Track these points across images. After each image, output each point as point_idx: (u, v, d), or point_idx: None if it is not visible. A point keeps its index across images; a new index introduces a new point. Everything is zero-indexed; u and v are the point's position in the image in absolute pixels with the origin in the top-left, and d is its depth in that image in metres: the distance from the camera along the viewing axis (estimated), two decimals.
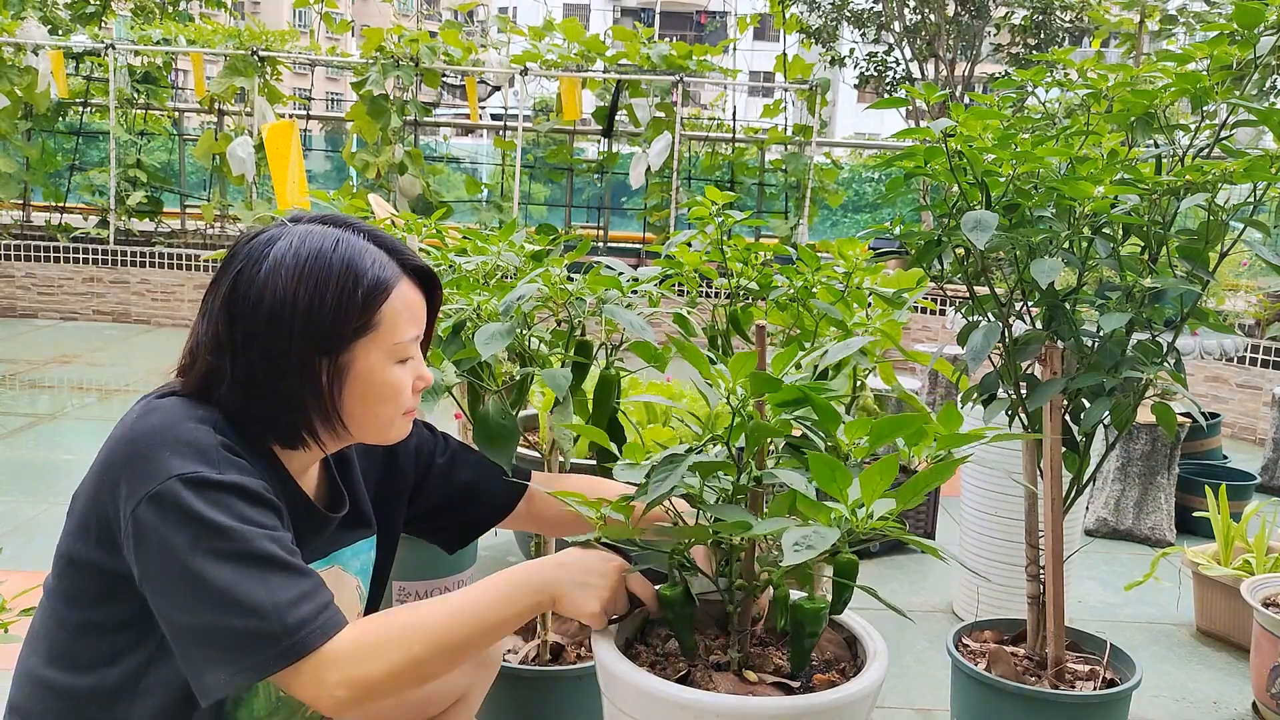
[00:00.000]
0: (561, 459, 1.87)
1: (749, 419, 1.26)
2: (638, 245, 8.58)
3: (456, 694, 1.51)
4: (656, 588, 1.38)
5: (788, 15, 8.89)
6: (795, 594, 1.37)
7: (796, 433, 1.32)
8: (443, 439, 1.50)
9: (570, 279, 1.59)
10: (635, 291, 1.63)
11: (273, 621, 0.99)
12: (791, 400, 1.24)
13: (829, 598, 1.33)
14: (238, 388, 1.11)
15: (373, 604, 1.42)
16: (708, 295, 1.99)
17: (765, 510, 1.30)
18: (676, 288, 1.84)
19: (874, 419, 1.21)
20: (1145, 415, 3.34)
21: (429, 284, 1.23)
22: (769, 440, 1.31)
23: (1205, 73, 1.76)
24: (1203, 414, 1.81)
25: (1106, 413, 1.73)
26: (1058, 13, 10.74)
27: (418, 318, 1.19)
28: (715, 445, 1.31)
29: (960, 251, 1.85)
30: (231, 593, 0.99)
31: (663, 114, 7.87)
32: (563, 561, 1.23)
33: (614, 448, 1.44)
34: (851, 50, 12.06)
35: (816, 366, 1.51)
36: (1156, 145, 1.84)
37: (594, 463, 1.42)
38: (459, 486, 1.47)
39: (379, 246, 1.17)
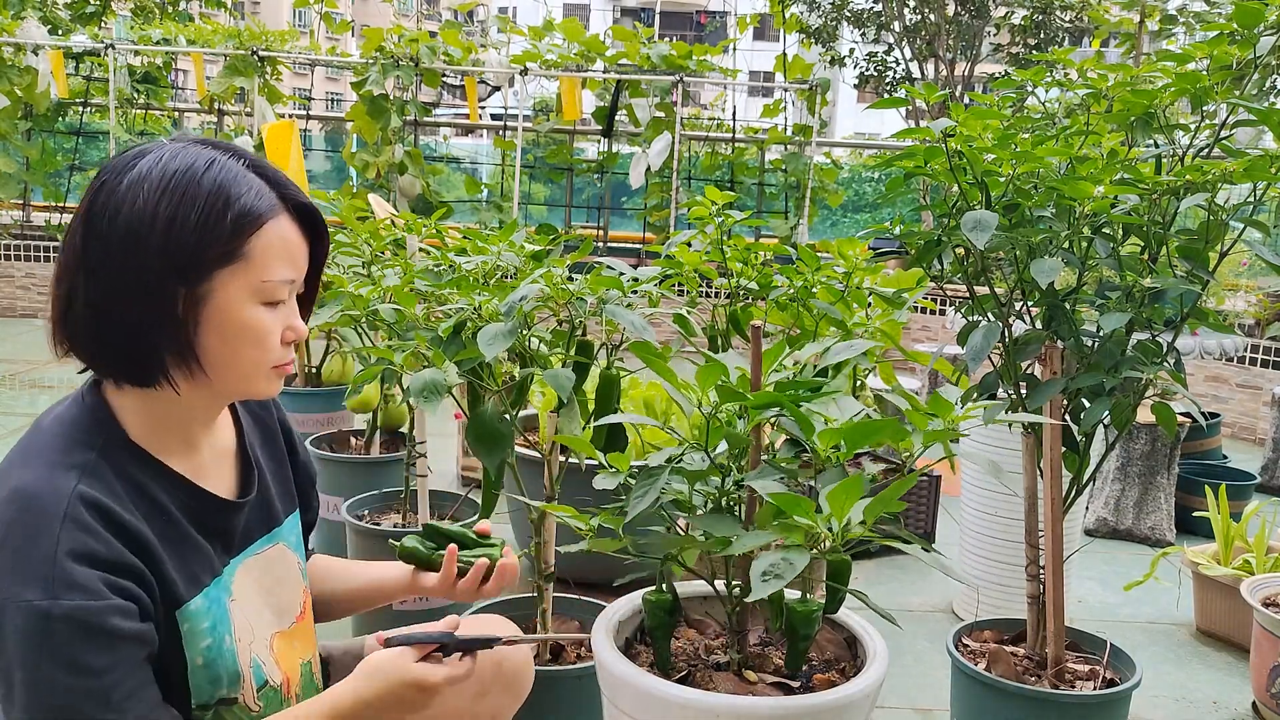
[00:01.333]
0: (563, 459, 1.88)
1: (726, 424, 1.26)
2: (638, 245, 8.58)
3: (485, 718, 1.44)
4: (643, 592, 1.37)
5: (788, 15, 8.88)
6: (790, 594, 1.37)
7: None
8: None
9: (571, 279, 1.59)
10: (635, 292, 1.63)
11: None
12: (770, 404, 1.23)
13: (823, 599, 1.33)
14: (90, 313, 1.02)
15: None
16: (708, 295, 1.99)
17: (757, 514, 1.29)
18: (676, 287, 1.84)
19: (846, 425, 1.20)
20: (1145, 415, 3.34)
21: (314, 229, 1.13)
22: (765, 438, 1.31)
23: (1205, 73, 1.76)
24: (1203, 414, 1.81)
25: (1106, 412, 1.73)
26: (1058, 13, 10.73)
27: (295, 260, 1.09)
28: (698, 451, 1.32)
29: (960, 251, 1.85)
30: None
31: (663, 114, 7.87)
32: (368, 701, 1.14)
33: (601, 457, 1.41)
34: (851, 50, 12.06)
35: (825, 369, 1.52)
36: (1156, 145, 1.84)
37: (595, 463, 1.41)
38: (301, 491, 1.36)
39: (260, 176, 1.08)
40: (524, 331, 1.58)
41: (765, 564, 1.08)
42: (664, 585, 1.36)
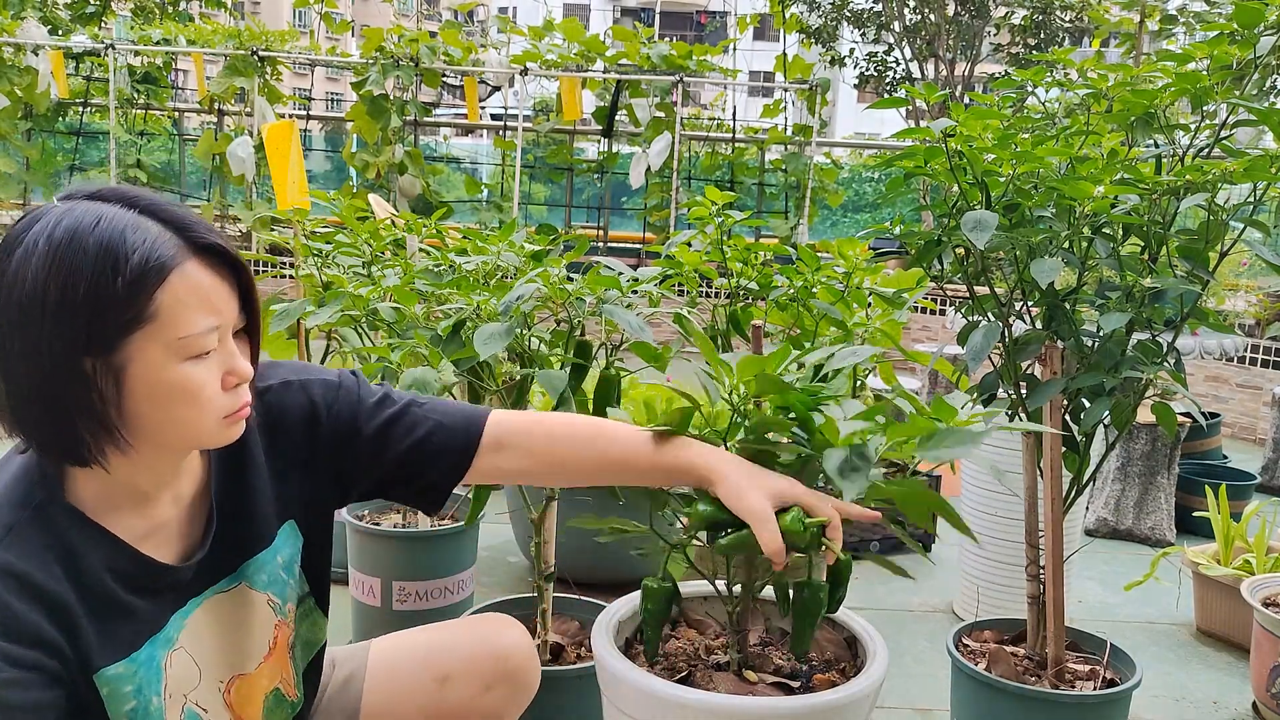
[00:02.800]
0: None
1: (746, 418, 1.26)
2: (638, 245, 8.58)
3: (490, 716, 1.42)
4: (645, 579, 1.37)
5: (788, 15, 8.89)
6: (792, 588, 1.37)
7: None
8: (374, 402, 1.26)
9: (570, 279, 1.59)
10: (635, 292, 1.63)
11: None
12: (788, 404, 1.24)
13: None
14: (6, 393, 0.97)
15: (321, 594, 1.33)
16: (708, 295, 1.99)
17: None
18: (676, 288, 1.84)
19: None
20: (1145, 415, 3.34)
21: (230, 264, 1.03)
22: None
23: (1205, 72, 1.76)
24: (1203, 414, 1.81)
25: (1106, 413, 1.73)
26: (1058, 12, 10.74)
27: (213, 305, 1.00)
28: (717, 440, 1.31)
29: (960, 251, 1.85)
30: None
31: (663, 114, 7.87)
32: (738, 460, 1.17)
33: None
34: (851, 50, 12.07)
35: (818, 368, 1.51)
36: (1156, 145, 1.84)
37: None
38: (400, 452, 1.25)
39: (160, 222, 0.98)
40: (523, 331, 1.58)
41: (837, 459, 1.06)
42: (665, 573, 1.35)
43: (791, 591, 1.31)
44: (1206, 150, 1.81)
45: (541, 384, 1.49)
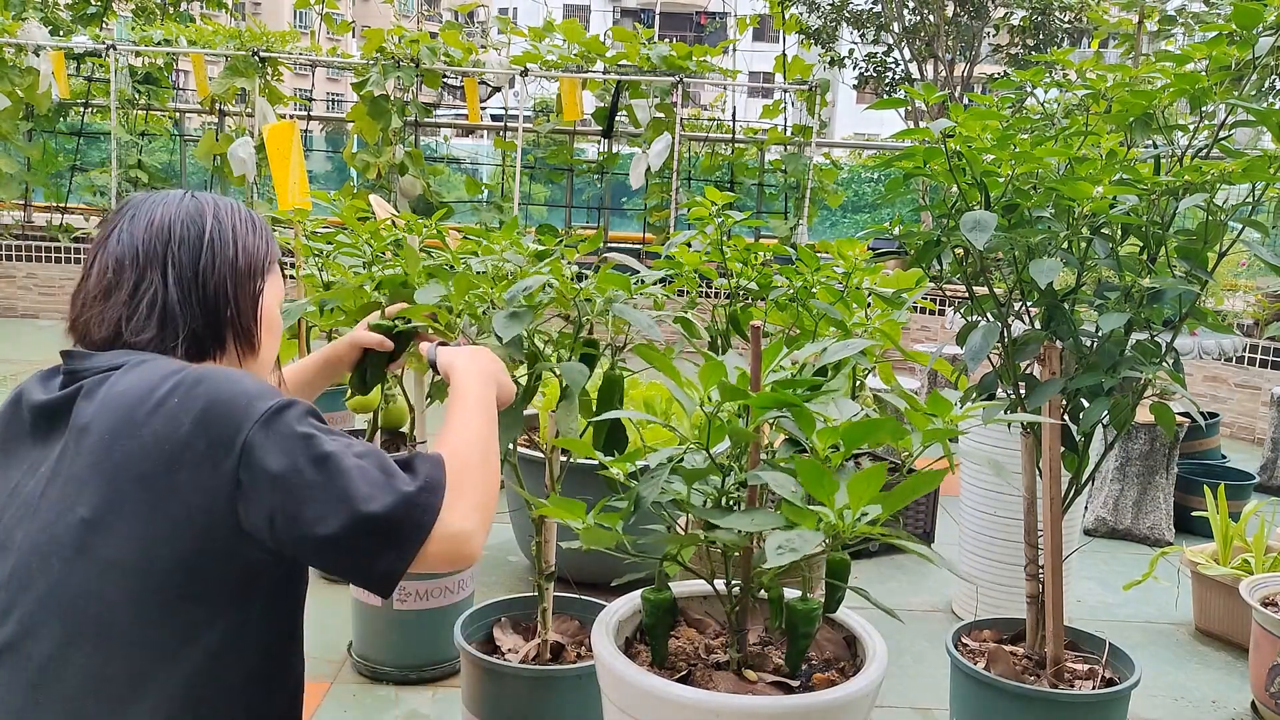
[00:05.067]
0: (564, 459, 1.88)
1: (727, 423, 1.26)
2: (638, 246, 8.58)
3: None
4: (642, 591, 1.37)
5: (787, 16, 8.89)
6: (790, 593, 1.37)
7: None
8: None
9: (580, 278, 1.60)
10: (641, 293, 1.63)
11: (401, 483, 1.06)
12: (771, 404, 1.24)
13: (823, 598, 1.34)
14: (172, 301, 1.18)
15: None
16: (708, 295, 1.99)
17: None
18: (677, 290, 1.85)
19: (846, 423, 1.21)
20: (1144, 415, 3.34)
21: None
22: (764, 438, 1.32)
23: (1204, 73, 1.76)
24: (1201, 414, 1.81)
25: (1105, 412, 1.74)
26: (1056, 13, 10.75)
27: None
28: (699, 451, 1.32)
29: (959, 252, 1.85)
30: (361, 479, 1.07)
31: (662, 114, 7.88)
32: (483, 365, 1.35)
33: (600, 456, 1.41)
34: (851, 51, 12.07)
35: (824, 368, 1.52)
36: (1155, 146, 1.84)
37: (595, 463, 1.41)
38: None
39: None
40: (530, 326, 1.58)
41: (780, 539, 1.09)
42: (663, 584, 1.36)
43: (785, 608, 1.31)
44: (1205, 151, 1.81)
45: (564, 375, 1.51)
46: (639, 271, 1.66)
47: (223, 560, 1.05)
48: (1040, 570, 1.92)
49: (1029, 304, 1.85)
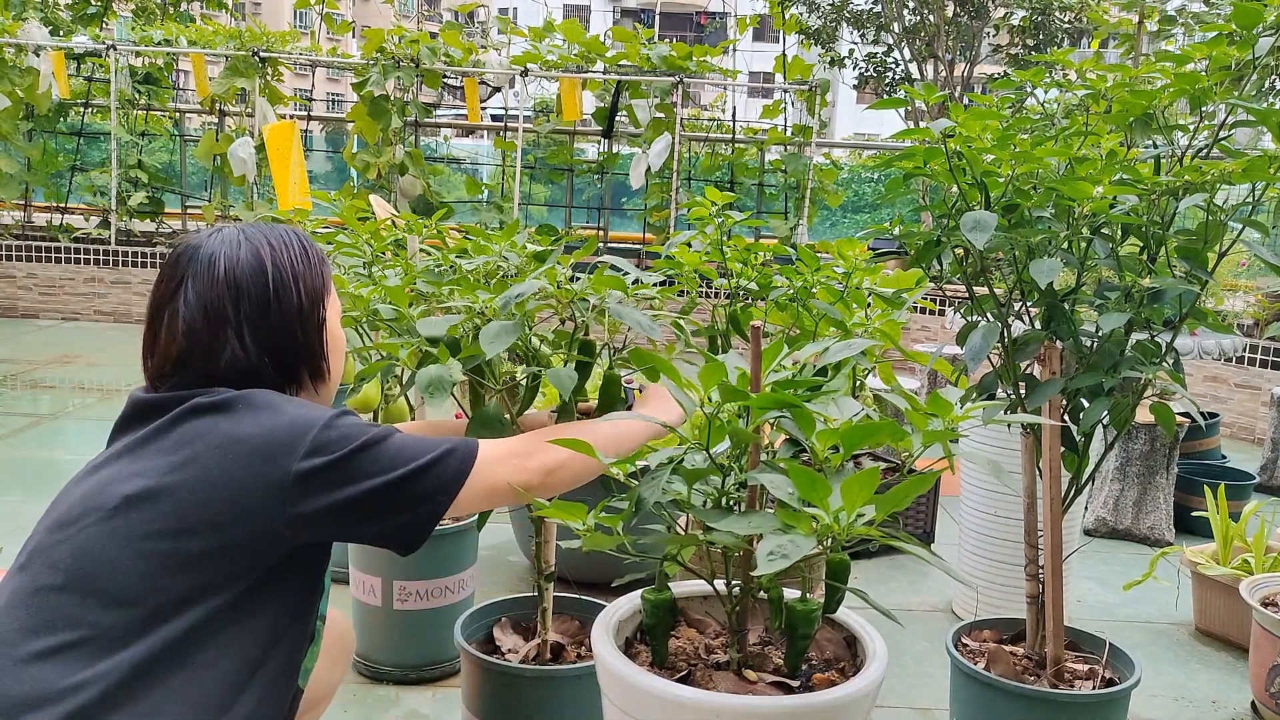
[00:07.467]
0: None
1: (727, 424, 1.26)
2: (638, 246, 8.59)
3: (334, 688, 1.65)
4: (642, 591, 1.38)
5: (787, 16, 8.89)
6: (790, 594, 1.37)
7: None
8: None
9: (574, 279, 1.59)
10: (637, 295, 1.63)
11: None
12: (772, 405, 1.24)
13: (823, 598, 1.34)
14: (252, 346, 1.26)
15: None
16: (708, 295, 1.99)
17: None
18: (675, 291, 1.85)
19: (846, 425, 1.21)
20: (1144, 415, 3.35)
21: None
22: (764, 439, 1.32)
23: (1204, 73, 1.76)
24: (1201, 414, 1.81)
25: (1105, 413, 1.73)
26: (1057, 13, 10.75)
27: None
28: (699, 451, 1.32)
29: (959, 252, 1.85)
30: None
31: (662, 115, 7.88)
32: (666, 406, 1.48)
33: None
34: (851, 51, 12.07)
35: (825, 368, 1.52)
36: (1155, 146, 1.84)
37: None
38: None
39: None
40: (525, 331, 1.58)
41: (772, 544, 1.09)
42: (663, 584, 1.36)
43: (785, 609, 1.31)
44: (1205, 151, 1.81)
45: (551, 382, 1.50)
46: (629, 272, 1.65)
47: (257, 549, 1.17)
48: (1040, 570, 1.92)
49: (1029, 304, 1.85)
